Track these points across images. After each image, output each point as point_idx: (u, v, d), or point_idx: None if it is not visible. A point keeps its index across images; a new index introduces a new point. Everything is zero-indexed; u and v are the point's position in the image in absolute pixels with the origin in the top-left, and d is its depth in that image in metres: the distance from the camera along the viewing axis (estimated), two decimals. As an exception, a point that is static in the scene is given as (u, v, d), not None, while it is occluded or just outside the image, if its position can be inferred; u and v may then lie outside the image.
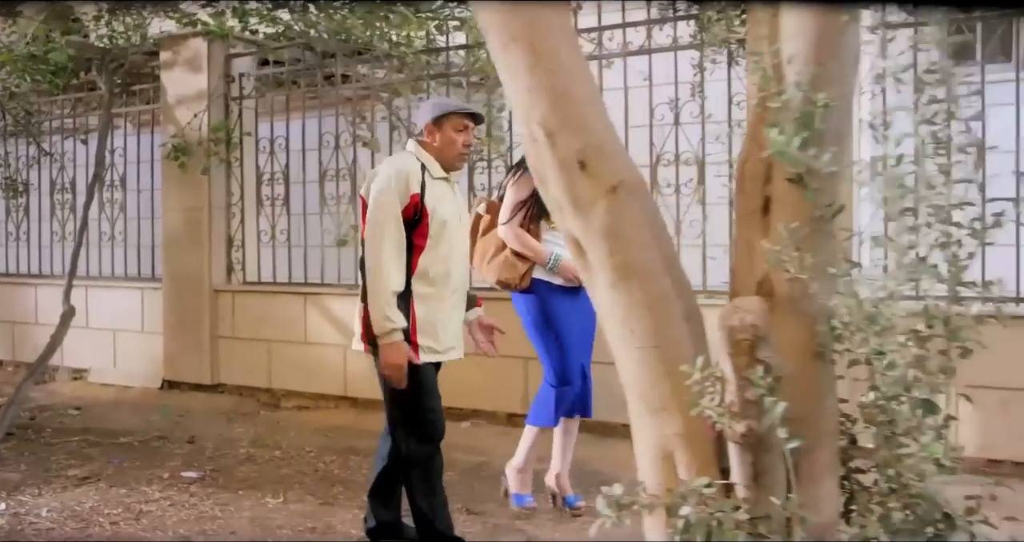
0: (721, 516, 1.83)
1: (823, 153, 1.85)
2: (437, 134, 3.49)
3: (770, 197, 1.96)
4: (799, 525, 1.82)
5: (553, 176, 2.01)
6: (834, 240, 1.94)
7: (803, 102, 1.85)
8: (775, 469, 1.92)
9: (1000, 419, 4.38)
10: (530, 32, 2.00)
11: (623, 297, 1.99)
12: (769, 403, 1.73)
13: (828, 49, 1.86)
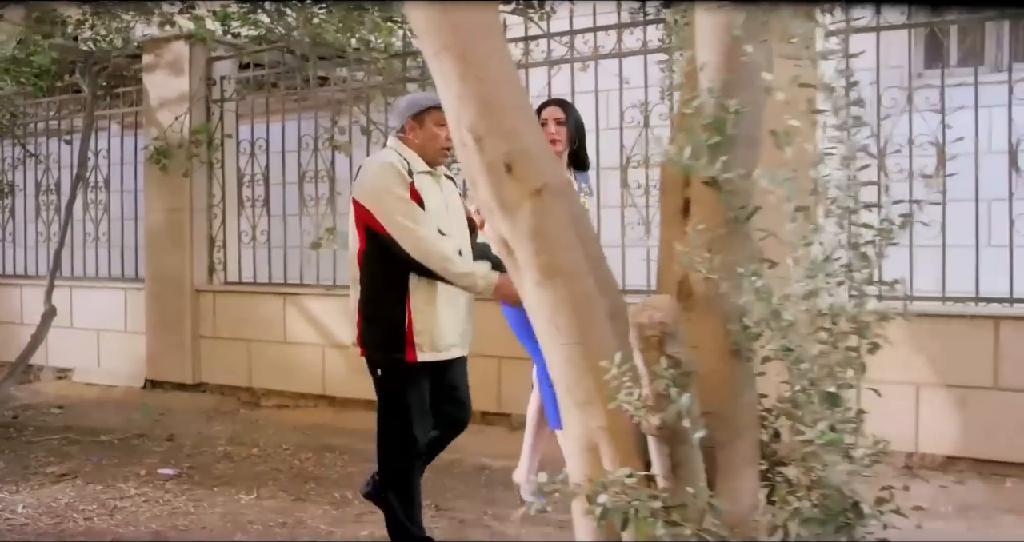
0: (637, 504, 1.91)
1: (736, 157, 1.94)
2: (418, 129, 3.47)
3: (689, 199, 2.05)
4: (711, 514, 1.90)
5: (482, 179, 2.09)
6: (749, 241, 2.01)
7: (715, 108, 1.94)
8: (692, 460, 2.00)
9: (959, 417, 4.46)
10: (460, 42, 2.08)
11: (548, 295, 2.08)
12: (675, 395, 1.81)
13: (739, 57, 1.94)
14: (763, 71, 1.96)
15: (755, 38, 1.89)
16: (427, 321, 3.41)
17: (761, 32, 1.93)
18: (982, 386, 4.40)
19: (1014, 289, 4.44)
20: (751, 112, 1.97)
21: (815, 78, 4.71)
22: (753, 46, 1.89)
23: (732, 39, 1.90)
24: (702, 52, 1.99)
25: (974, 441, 4.45)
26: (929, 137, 4.59)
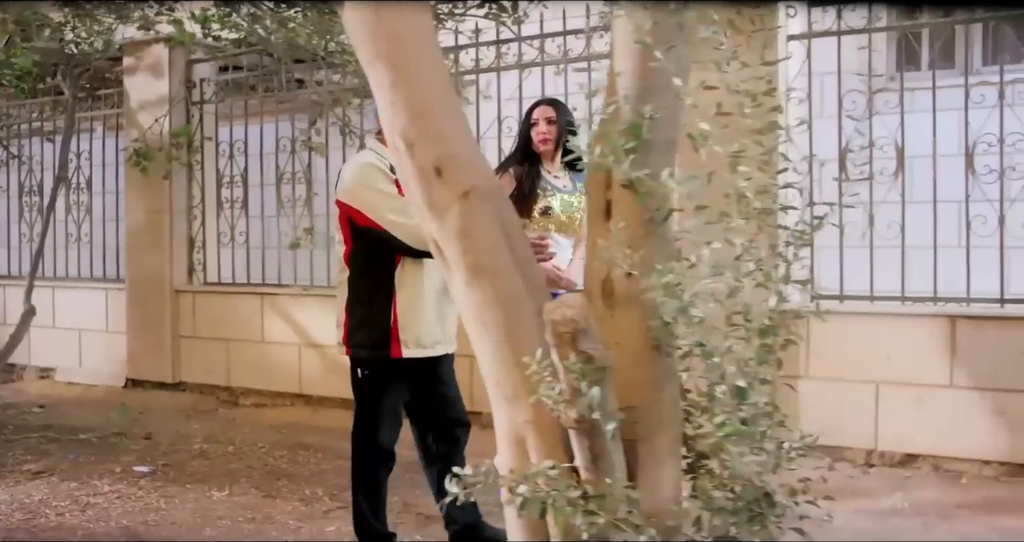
0: (555, 495, 2.00)
1: (652, 160, 2.02)
2: None
3: (611, 201, 2.13)
4: (627, 504, 1.98)
5: (413, 182, 2.18)
6: (667, 240, 2.09)
7: (631, 113, 2.02)
8: (611, 453, 2.07)
9: (917, 415, 4.55)
10: (393, 51, 2.16)
11: (476, 294, 2.16)
12: (586, 389, 1.89)
13: (650, 63, 2.01)
14: (675, 77, 2.04)
15: (665, 44, 1.97)
16: (413, 318, 3.44)
17: (672, 38, 2.00)
18: (939, 384, 4.49)
19: (970, 289, 4.53)
20: (667, 117, 2.05)
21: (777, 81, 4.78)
22: (665, 52, 1.96)
23: (640, 46, 1.97)
24: (617, 59, 2.08)
25: (931, 438, 4.54)
26: (888, 139, 4.68)
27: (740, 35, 2.33)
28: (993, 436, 4.40)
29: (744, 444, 1.99)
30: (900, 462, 4.64)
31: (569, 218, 3.95)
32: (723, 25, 2.23)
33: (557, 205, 3.92)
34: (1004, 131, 4.41)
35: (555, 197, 3.93)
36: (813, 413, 4.74)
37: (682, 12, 2.01)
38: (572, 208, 3.95)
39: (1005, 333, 4.38)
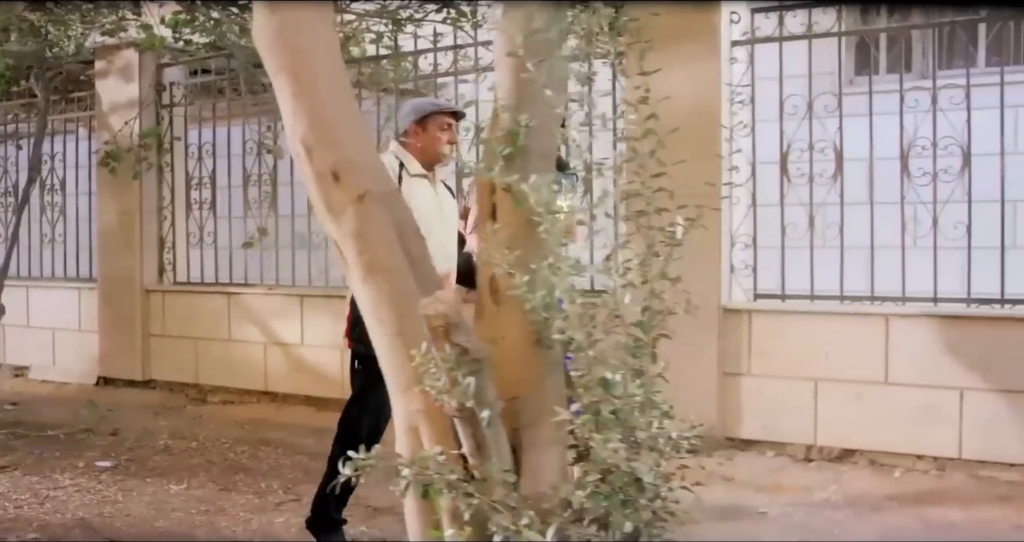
0: (436, 478, 2.15)
1: (529, 168, 2.17)
2: (421, 133, 3.62)
3: (495, 205, 2.29)
4: (504, 488, 2.13)
5: (312, 186, 2.33)
6: (544, 241, 2.23)
7: (509, 122, 2.17)
8: (494, 439, 2.23)
9: (854, 411, 4.69)
10: (295, 63, 2.32)
11: (372, 291, 2.31)
12: (461, 380, 2.04)
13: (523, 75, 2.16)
14: (546, 88, 2.18)
15: (536, 57, 2.11)
16: None
17: (544, 51, 2.15)
18: (875, 381, 4.64)
19: (905, 288, 4.68)
20: (544, 126, 2.20)
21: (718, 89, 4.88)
22: (536, 65, 2.11)
23: (513, 59, 2.12)
24: (496, 71, 2.23)
25: (868, 434, 4.68)
26: (828, 142, 4.83)
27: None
28: (926, 431, 4.54)
29: (613, 432, 2.13)
30: (838, 457, 4.78)
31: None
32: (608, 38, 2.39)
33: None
34: (937, 135, 4.56)
35: None
36: (755, 409, 4.92)
37: (554, 26, 2.15)
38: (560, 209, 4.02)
39: (937, 331, 4.52)
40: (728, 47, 4.94)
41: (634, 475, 2.13)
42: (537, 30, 2.10)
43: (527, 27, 2.13)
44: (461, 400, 2.08)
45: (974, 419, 4.46)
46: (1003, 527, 3.99)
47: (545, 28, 2.12)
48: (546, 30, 2.12)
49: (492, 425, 2.16)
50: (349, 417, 3.74)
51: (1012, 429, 4.38)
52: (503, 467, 2.16)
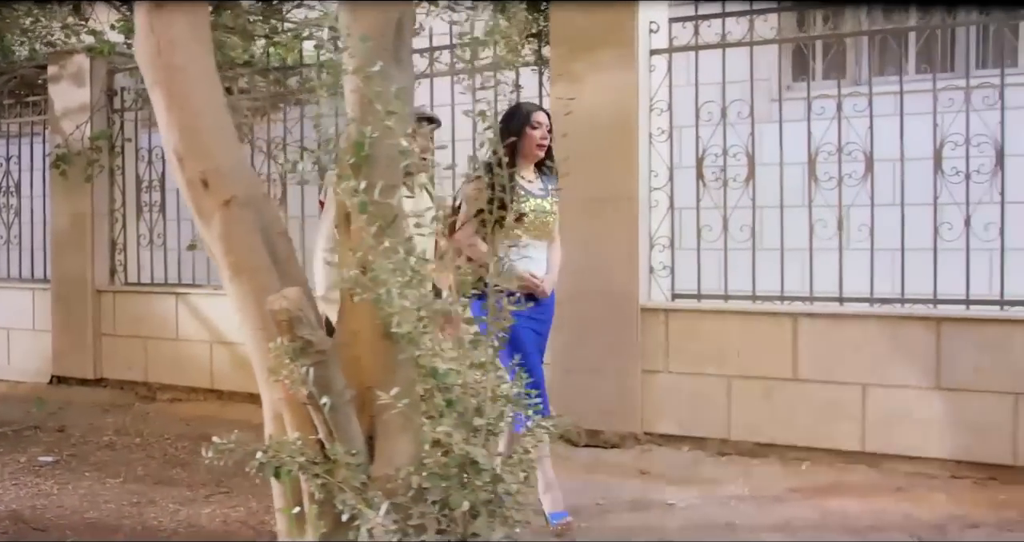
0: (287, 460, 2.36)
1: (375, 176, 2.39)
2: None
3: (348, 210, 2.50)
4: (348, 470, 2.35)
5: (185, 192, 2.55)
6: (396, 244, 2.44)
7: (356, 134, 2.39)
8: (345, 425, 2.45)
9: (765, 407, 4.92)
10: (168, 79, 2.54)
11: (237, 289, 2.53)
12: (304, 370, 2.26)
13: (382, 72, 2.37)
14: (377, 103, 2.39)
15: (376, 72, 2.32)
16: None
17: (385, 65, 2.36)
18: (784, 378, 4.86)
19: (813, 288, 4.91)
20: (386, 137, 2.40)
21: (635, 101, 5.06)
22: (365, 80, 2.32)
23: (357, 76, 2.34)
24: (346, 84, 2.44)
25: (778, 428, 4.91)
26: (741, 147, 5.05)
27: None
28: (831, 426, 4.77)
29: (448, 418, 2.34)
30: (750, 451, 5.01)
31: (542, 222, 4.01)
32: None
33: (530, 210, 3.96)
34: (842, 140, 4.79)
35: (528, 202, 3.98)
36: (673, 406, 5.15)
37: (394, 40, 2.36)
38: (545, 212, 4.02)
39: (842, 329, 4.75)
40: (647, 56, 5.17)
41: (469, 457, 2.35)
42: (378, 44, 2.30)
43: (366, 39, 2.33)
44: (311, 389, 2.30)
45: (876, 414, 4.69)
46: (894, 517, 4.22)
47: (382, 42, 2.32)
48: (383, 43, 2.32)
49: (338, 412, 2.38)
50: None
51: (911, 423, 4.62)
52: (350, 450, 2.38)
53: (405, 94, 2.38)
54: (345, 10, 2.35)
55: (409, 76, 2.49)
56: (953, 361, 4.52)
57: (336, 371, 2.35)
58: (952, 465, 4.59)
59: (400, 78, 2.39)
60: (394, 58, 2.37)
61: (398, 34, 2.37)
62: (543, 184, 4.09)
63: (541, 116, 4.06)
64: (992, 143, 4.57)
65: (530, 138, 4.00)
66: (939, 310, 4.63)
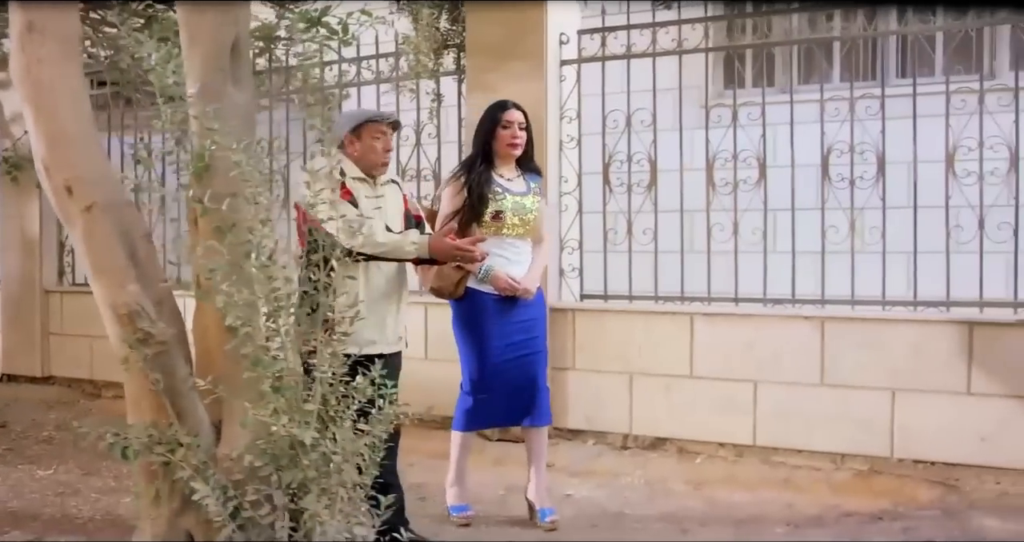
0: (135, 441, 2.65)
1: (215, 183, 2.67)
2: (356, 143, 3.64)
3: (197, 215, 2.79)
4: (188, 449, 2.63)
5: (52, 199, 2.83)
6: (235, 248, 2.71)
7: (197, 146, 2.67)
8: (191, 411, 2.74)
9: (664, 402, 5.20)
10: (35, 94, 2.82)
11: (98, 286, 2.82)
12: (147, 359, 2.54)
13: (217, 91, 2.66)
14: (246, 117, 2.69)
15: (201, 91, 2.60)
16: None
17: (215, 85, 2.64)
18: (682, 374, 5.15)
19: (711, 289, 5.19)
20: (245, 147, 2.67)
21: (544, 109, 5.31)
22: (198, 99, 2.60)
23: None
24: (190, 85, 2.71)
25: (676, 423, 5.19)
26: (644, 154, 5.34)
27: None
28: (725, 420, 5.05)
29: (277, 402, 2.61)
30: (651, 445, 5.29)
31: (522, 220, 4.01)
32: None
33: (509, 208, 3.97)
34: (737, 148, 5.08)
35: (506, 200, 3.98)
36: (580, 401, 5.43)
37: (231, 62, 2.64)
38: (525, 210, 4.02)
39: (736, 328, 5.03)
40: (557, 66, 5.46)
41: (297, 439, 2.62)
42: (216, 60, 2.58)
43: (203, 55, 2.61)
44: (157, 377, 2.59)
45: (766, 409, 4.97)
46: (776, 507, 4.49)
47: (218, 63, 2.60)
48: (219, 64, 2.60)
49: (183, 397, 2.67)
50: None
51: (798, 419, 4.90)
52: (192, 432, 2.67)
53: (240, 111, 2.66)
54: (183, 34, 2.63)
55: (247, 94, 2.76)
56: (837, 359, 4.81)
57: (178, 360, 2.63)
58: (837, 458, 4.87)
59: (237, 96, 2.66)
60: (231, 78, 2.65)
61: (234, 56, 2.65)
62: (525, 182, 4.10)
63: (512, 114, 4.04)
64: (875, 151, 4.86)
65: (501, 138, 4.01)
66: (825, 310, 4.91)
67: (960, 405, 4.58)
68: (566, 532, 4.14)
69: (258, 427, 2.74)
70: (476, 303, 3.98)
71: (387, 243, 3.54)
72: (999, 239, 4.64)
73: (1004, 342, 4.51)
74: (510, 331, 4.02)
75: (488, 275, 3.95)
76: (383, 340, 3.68)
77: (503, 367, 4.03)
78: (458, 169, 4.14)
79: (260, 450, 2.63)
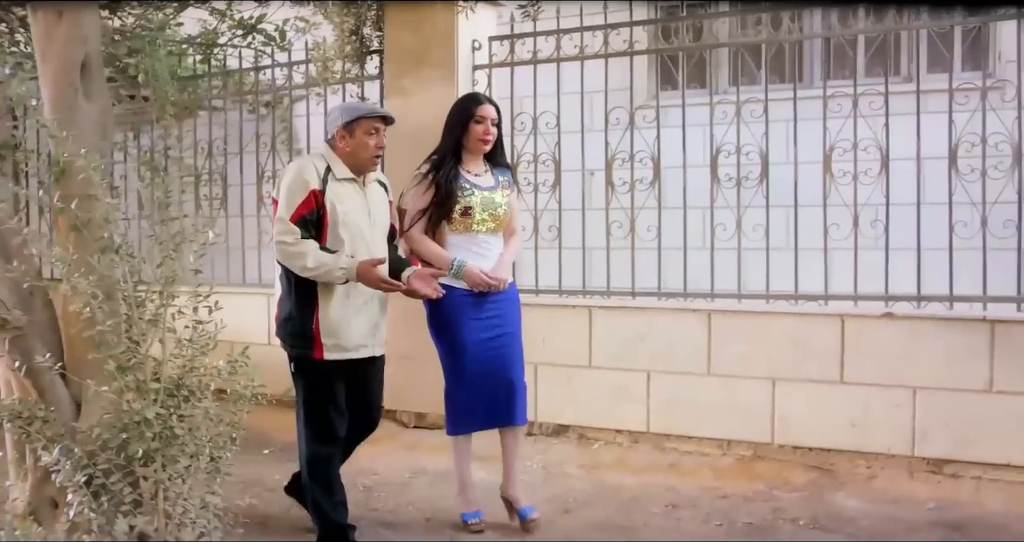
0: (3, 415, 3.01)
1: (72, 187, 3.02)
2: (348, 138, 3.64)
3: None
4: (43, 422, 2.98)
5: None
6: (91, 243, 3.05)
7: (55, 153, 3.02)
8: (52, 389, 3.10)
9: (566, 391, 5.54)
10: None
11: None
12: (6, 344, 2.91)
13: (68, 104, 3.00)
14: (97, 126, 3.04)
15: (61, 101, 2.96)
16: (333, 322, 3.63)
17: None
18: (581, 365, 5.48)
19: (610, 283, 5.53)
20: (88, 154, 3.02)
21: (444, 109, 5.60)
22: (68, 113, 2.96)
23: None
24: (44, 89, 3.06)
25: (576, 411, 5.53)
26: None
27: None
28: (621, 409, 5.39)
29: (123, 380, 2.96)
30: (554, 432, 5.63)
31: (492, 215, 4.03)
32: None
33: (478, 204, 3.99)
34: (634, 149, 5.41)
35: (474, 196, 3.99)
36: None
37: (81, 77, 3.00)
38: (494, 205, 4.04)
39: (632, 321, 5.37)
40: (470, 71, 5.80)
41: (141, 415, 2.97)
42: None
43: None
44: (11, 357, 2.95)
45: (659, 398, 5.31)
46: (659, 489, 4.84)
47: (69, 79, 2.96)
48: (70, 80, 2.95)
49: (41, 377, 3.03)
50: (308, 423, 3.78)
51: (688, 407, 5.23)
52: (49, 408, 3.03)
53: (91, 121, 3.02)
54: (37, 52, 2.99)
55: (99, 105, 3.12)
56: (722, 350, 5.14)
57: (36, 344, 3.00)
58: (724, 444, 5.20)
59: (88, 108, 3.02)
60: (83, 92, 3.01)
61: (85, 72, 3.00)
62: (494, 177, 4.13)
63: (485, 109, 4.04)
64: (758, 153, 5.19)
65: (473, 133, 4.01)
66: (714, 304, 5.24)
67: (834, 393, 4.91)
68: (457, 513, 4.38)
69: (108, 403, 3.10)
70: (449, 301, 3.97)
71: (316, 267, 3.56)
72: (872, 236, 4.96)
73: (873, 334, 4.83)
74: (484, 326, 4.04)
75: (461, 270, 3.97)
76: (372, 343, 3.79)
77: (482, 364, 4.04)
78: (425, 166, 4.10)
79: (109, 424, 2.97)
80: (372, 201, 3.77)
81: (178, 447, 3.01)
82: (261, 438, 5.85)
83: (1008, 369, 4.56)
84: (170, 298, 3.04)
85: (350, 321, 3.66)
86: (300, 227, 3.59)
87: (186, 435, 3.04)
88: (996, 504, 4.44)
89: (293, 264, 3.58)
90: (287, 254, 3.58)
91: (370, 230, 3.72)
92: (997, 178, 4.74)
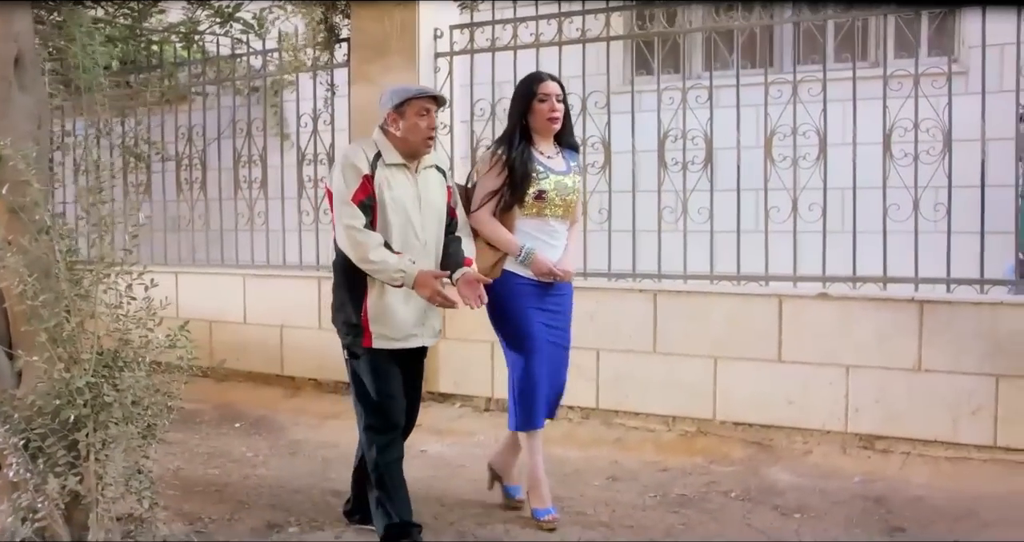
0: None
1: (5, 175, 3.31)
2: (400, 121, 3.56)
3: (0, 200, 3.43)
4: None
5: None
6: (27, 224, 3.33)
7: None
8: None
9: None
10: None
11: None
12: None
13: (2, 97, 3.28)
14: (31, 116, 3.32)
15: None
16: (381, 311, 3.59)
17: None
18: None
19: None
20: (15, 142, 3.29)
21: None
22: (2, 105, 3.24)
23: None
24: None
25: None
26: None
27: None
28: (573, 386, 5.56)
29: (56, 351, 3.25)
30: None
31: (564, 200, 3.91)
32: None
33: (551, 187, 3.87)
34: (586, 134, 5.65)
35: (548, 179, 3.87)
36: (449, 368, 6.05)
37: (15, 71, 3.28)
38: (567, 190, 3.92)
39: (582, 300, 5.52)
40: (432, 59, 6.05)
41: (75, 384, 3.26)
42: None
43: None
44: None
45: (607, 375, 5.56)
46: (602, 463, 5.09)
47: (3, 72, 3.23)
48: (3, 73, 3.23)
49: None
50: (359, 413, 3.78)
51: (635, 384, 5.48)
52: (-8, 382, 3.33)
53: (26, 112, 3.30)
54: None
55: (35, 97, 3.39)
56: (667, 329, 5.37)
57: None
58: (669, 420, 5.45)
59: (23, 101, 3.30)
60: (17, 85, 3.29)
61: (19, 66, 3.28)
62: (565, 160, 3.99)
63: (549, 86, 3.87)
64: (704, 138, 5.39)
65: (539, 112, 3.86)
66: (660, 284, 5.47)
67: (772, 371, 5.14)
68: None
69: (41, 373, 3.38)
70: (510, 289, 3.88)
71: (377, 262, 3.48)
72: (811, 219, 5.16)
73: (809, 313, 5.05)
74: (547, 318, 3.94)
75: (529, 257, 3.86)
76: (423, 333, 3.74)
77: (547, 360, 3.94)
78: (496, 145, 3.96)
79: (43, 392, 3.27)
80: (425, 188, 3.67)
81: (107, 414, 3.28)
82: (232, 413, 6.19)
83: (936, 348, 4.77)
84: (103, 276, 3.31)
85: (398, 310, 3.61)
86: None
87: (116, 402, 3.31)
88: (920, 477, 4.66)
89: (355, 252, 3.51)
90: (354, 240, 3.49)
91: (419, 218, 3.62)
92: (929, 163, 4.93)
